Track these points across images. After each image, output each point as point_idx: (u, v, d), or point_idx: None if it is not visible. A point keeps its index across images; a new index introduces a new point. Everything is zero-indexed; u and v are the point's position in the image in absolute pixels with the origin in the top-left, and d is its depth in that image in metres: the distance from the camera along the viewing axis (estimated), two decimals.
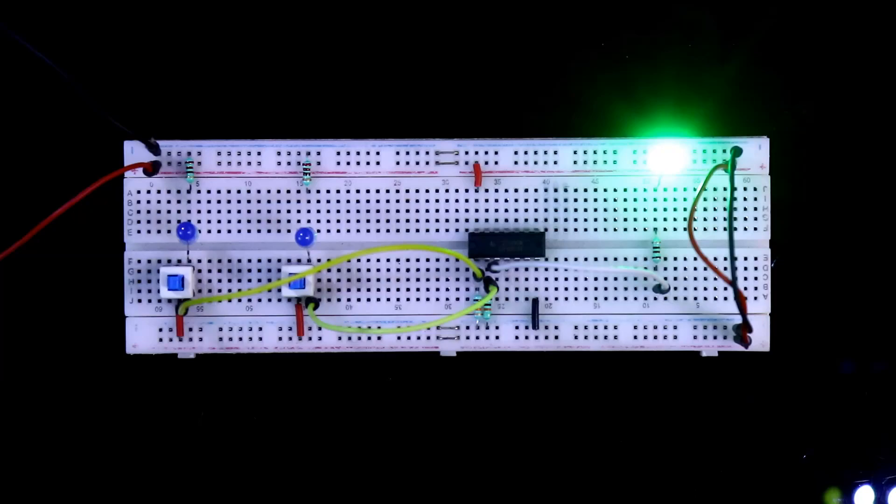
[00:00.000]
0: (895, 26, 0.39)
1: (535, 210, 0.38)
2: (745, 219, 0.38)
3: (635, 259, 0.38)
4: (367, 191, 0.38)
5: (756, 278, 0.38)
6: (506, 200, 0.38)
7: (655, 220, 0.38)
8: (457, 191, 0.38)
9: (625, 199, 0.38)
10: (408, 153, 0.38)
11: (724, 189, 0.38)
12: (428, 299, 0.38)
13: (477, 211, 0.38)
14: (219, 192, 0.38)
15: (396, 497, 0.40)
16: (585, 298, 0.38)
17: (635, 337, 0.38)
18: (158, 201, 0.38)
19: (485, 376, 0.40)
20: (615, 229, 0.38)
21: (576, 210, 0.38)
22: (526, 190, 0.38)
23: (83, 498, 0.40)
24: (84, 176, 0.37)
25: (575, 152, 0.38)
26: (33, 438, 0.39)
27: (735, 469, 0.40)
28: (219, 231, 0.38)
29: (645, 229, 0.38)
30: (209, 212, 0.38)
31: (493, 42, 0.40)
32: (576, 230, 0.38)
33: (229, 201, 0.38)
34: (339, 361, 0.39)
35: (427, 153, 0.38)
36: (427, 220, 0.38)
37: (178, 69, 0.39)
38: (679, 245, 0.38)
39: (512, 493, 0.40)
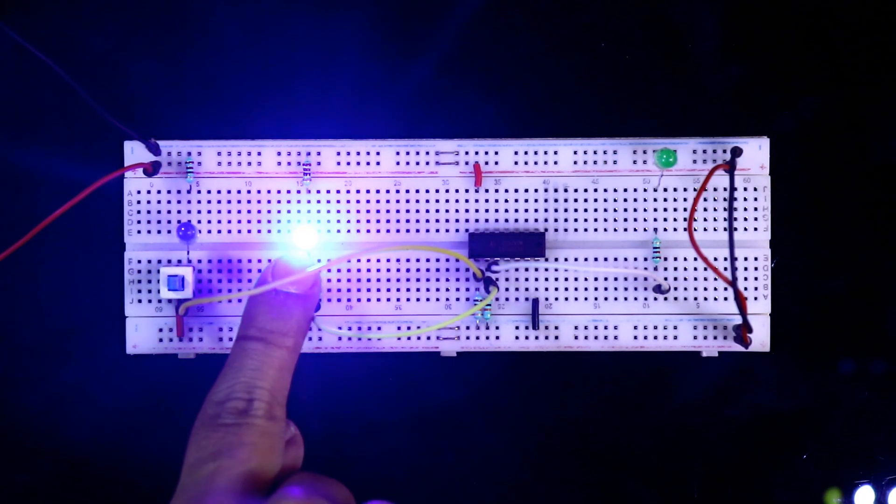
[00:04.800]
0: (895, 26, 0.39)
1: (535, 210, 0.38)
2: (745, 219, 0.38)
3: (635, 259, 0.38)
4: (367, 191, 0.38)
5: (756, 278, 0.38)
6: (506, 200, 0.38)
7: (655, 220, 0.38)
8: (457, 191, 0.38)
9: (625, 199, 0.38)
10: (408, 153, 0.38)
11: (724, 189, 0.38)
12: (428, 299, 0.38)
13: (477, 211, 0.38)
14: (219, 192, 0.38)
15: (397, 497, 0.40)
16: (585, 298, 0.38)
17: (635, 337, 0.38)
18: (158, 201, 0.38)
19: (485, 376, 0.40)
20: (615, 229, 0.38)
21: (576, 210, 0.38)
22: (526, 190, 0.38)
23: (83, 498, 0.40)
24: (84, 176, 0.37)
25: (575, 152, 0.38)
26: (33, 438, 0.39)
27: (735, 469, 0.40)
28: (219, 231, 0.38)
29: (645, 229, 0.38)
30: (209, 212, 0.38)
31: (493, 42, 0.40)
32: (576, 230, 0.38)
33: (229, 201, 0.38)
34: (339, 361, 0.39)
35: (427, 153, 0.38)
36: (427, 220, 0.38)
37: (177, 69, 0.39)
38: (679, 245, 0.38)
39: (512, 492, 0.40)
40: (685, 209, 0.38)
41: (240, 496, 0.27)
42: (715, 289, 0.38)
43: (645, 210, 0.38)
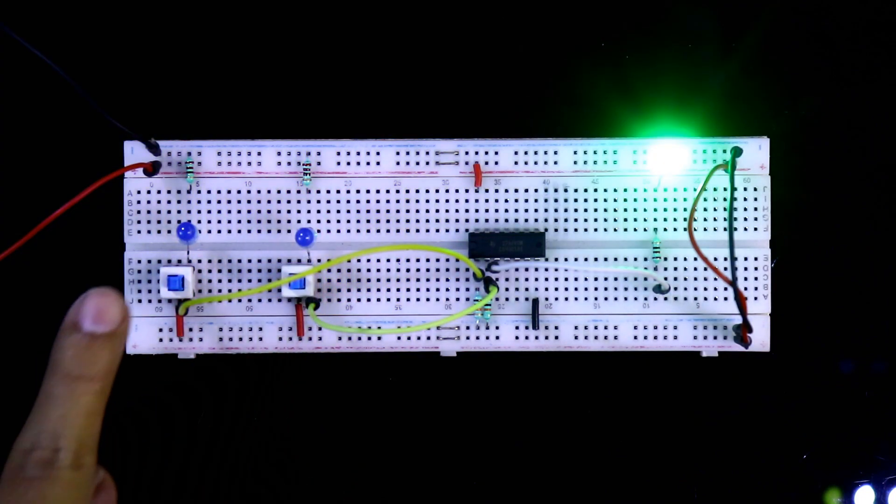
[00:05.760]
0: (895, 26, 0.39)
1: (535, 210, 0.38)
2: (745, 219, 0.38)
3: (635, 259, 0.38)
4: (367, 191, 0.38)
5: (756, 278, 0.38)
6: (506, 200, 0.38)
7: (655, 220, 0.38)
8: (457, 191, 0.38)
9: (625, 199, 0.38)
10: (408, 153, 0.38)
11: (724, 189, 0.38)
12: (428, 299, 0.38)
13: (477, 211, 0.38)
14: (219, 192, 0.38)
15: (397, 497, 0.40)
16: (585, 298, 0.38)
17: (635, 337, 0.38)
18: (158, 201, 0.38)
19: (485, 376, 0.40)
20: (615, 229, 0.38)
21: (576, 210, 0.38)
22: (526, 190, 0.38)
23: None
24: (84, 176, 0.37)
25: (575, 152, 0.38)
26: None
27: (735, 469, 0.40)
28: (219, 231, 0.38)
29: (645, 229, 0.38)
30: (209, 212, 0.38)
31: (493, 42, 0.40)
32: (576, 230, 0.38)
33: (229, 201, 0.38)
34: (339, 361, 0.39)
35: (427, 153, 0.38)
36: (427, 220, 0.38)
37: (177, 69, 0.39)
38: (679, 245, 0.38)
39: (512, 493, 0.40)
40: (685, 209, 0.38)
41: None
42: (715, 289, 0.38)
43: (645, 210, 0.38)
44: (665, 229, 0.38)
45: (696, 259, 0.38)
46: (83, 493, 0.28)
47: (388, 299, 0.38)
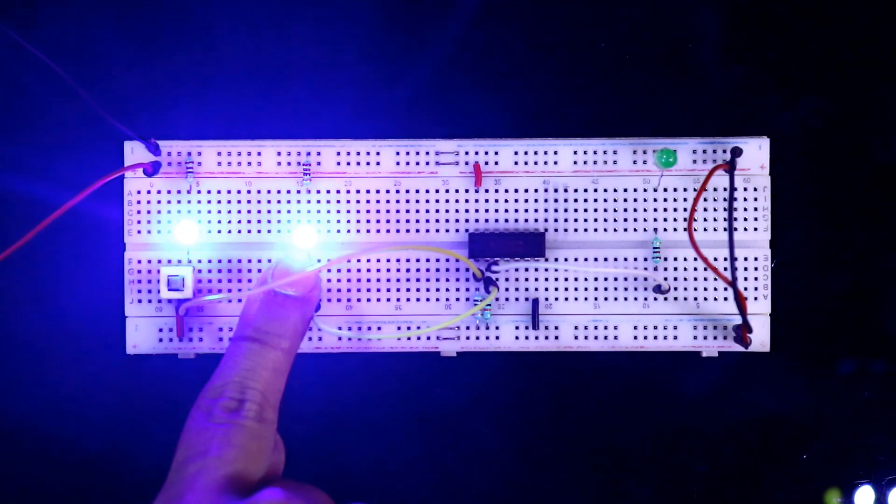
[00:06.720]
0: (895, 26, 0.39)
1: (535, 210, 0.38)
2: (745, 219, 0.38)
3: (635, 259, 0.38)
4: (367, 191, 0.38)
5: (756, 278, 0.38)
6: (506, 201, 0.38)
7: (655, 220, 0.38)
8: (457, 191, 0.38)
9: (625, 199, 0.38)
10: (408, 153, 0.38)
11: (724, 189, 0.38)
12: (428, 300, 0.38)
13: (477, 211, 0.38)
14: (219, 192, 0.38)
15: (397, 497, 0.40)
16: (585, 299, 0.38)
17: (635, 337, 0.38)
18: (158, 201, 0.38)
19: (485, 376, 0.40)
20: (615, 229, 0.38)
21: (576, 210, 0.38)
22: (526, 190, 0.38)
23: (83, 498, 0.40)
24: (84, 176, 0.37)
25: (575, 152, 0.38)
26: (34, 438, 0.39)
27: (735, 469, 0.40)
28: (219, 231, 0.38)
29: (645, 229, 0.38)
30: (209, 212, 0.38)
31: (492, 42, 0.40)
32: (576, 230, 0.38)
33: (229, 201, 0.38)
34: (339, 361, 0.39)
35: (427, 153, 0.38)
36: (427, 221, 0.38)
37: (177, 69, 0.39)
38: (679, 245, 0.38)
39: (512, 492, 0.40)
40: (685, 209, 0.38)
41: (220, 495, 0.27)
42: (715, 289, 0.38)
43: (645, 210, 0.38)
44: (665, 229, 0.38)
45: (696, 259, 0.38)
46: (264, 446, 0.29)
47: (388, 299, 0.38)
